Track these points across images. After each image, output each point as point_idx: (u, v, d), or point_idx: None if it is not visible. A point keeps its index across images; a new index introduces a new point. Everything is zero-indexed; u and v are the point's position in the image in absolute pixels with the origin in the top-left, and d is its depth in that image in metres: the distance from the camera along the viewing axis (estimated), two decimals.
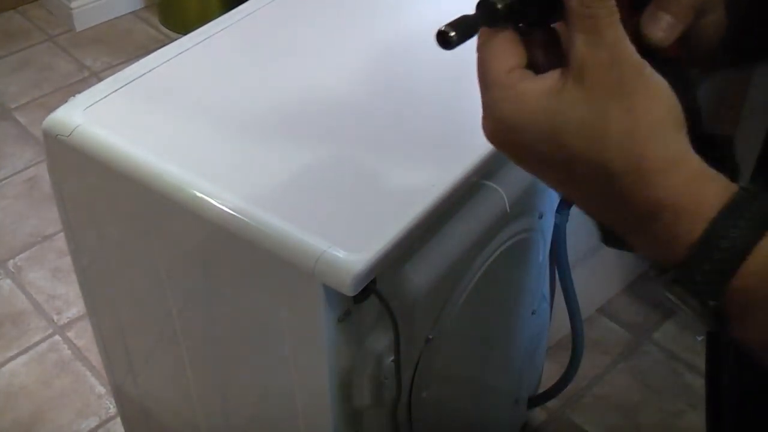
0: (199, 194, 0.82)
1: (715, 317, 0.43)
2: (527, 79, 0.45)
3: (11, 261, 1.93)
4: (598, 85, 0.43)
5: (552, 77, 0.44)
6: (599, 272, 1.68)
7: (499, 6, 0.46)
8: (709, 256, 0.42)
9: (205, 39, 1.03)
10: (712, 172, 0.44)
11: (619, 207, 0.44)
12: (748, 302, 0.42)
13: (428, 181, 0.83)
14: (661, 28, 0.51)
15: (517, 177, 0.94)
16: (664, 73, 0.52)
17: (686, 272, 0.43)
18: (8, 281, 1.88)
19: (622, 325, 1.74)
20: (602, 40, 0.43)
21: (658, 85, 0.44)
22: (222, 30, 1.05)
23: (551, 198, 1.08)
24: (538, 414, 1.57)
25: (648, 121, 0.43)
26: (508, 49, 0.46)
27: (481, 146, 0.86)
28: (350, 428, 0.89)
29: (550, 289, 1.28)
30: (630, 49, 0.43)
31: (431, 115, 0.93)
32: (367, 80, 0.98)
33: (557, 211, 1.12)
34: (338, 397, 0.84)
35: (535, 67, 0.47)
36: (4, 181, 2.14)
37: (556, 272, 1.26)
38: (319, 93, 0.96)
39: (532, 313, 1.23)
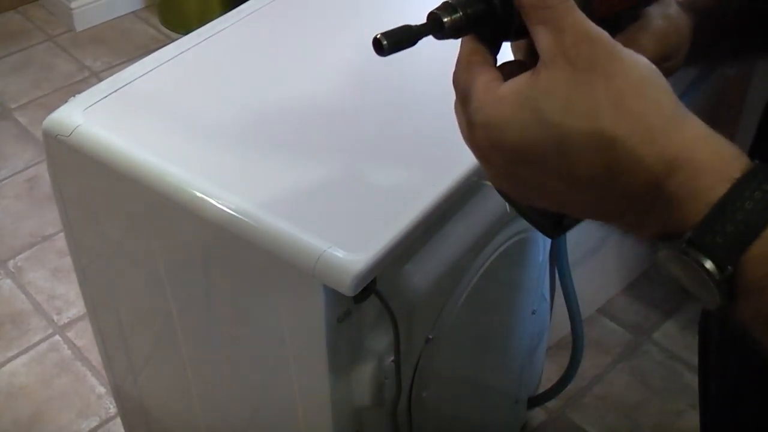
0: (199, 194, 0.82)
1: (727, 288, 0.40)
2: (504, 84, 0.44)
3: (11, 261, 1.93)
4: (572, 64, 0.42)
5: (526, 74, 0.44)
6: (599, 272, 1.68)
7: (446, 20, 0.46)
8: (733, 217, 0.39)
9: (205, 39, 1.03)
10: (721, 136, 0.42)
11: (626, 179, 0.41)
12: (766, 273, 0.39)
13: (428, 181, 0.83)
14: None
15: None
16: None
17: (706, 232, 0.40)
18: (8, 281, 1.88)
19: (622, 325, 1.74)
20: (563, 24, 0.42)
21: (631, 53, 0.43)
22: (222, 30, 1.05)
23: None
24: (538, 414, 1.57)
25: (634, 81, 0.42)
26: (483, 65, 0.46)
27: None
28: (350, 428, 0.89)
29: (550, 289, 1.28)
30: (593, 26, 0.43)
31: (431, 115, 0.93)
32: (368, 80, 0.98)
33: None
34: (338, 397, 0.84)
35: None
36: (4, 181, 2.14)
37: (556, 272, 1.26)
38: (319, 93, 0.96)
39: (532, 313, 1.23)
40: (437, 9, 0.47)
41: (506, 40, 0.49)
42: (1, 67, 2.53)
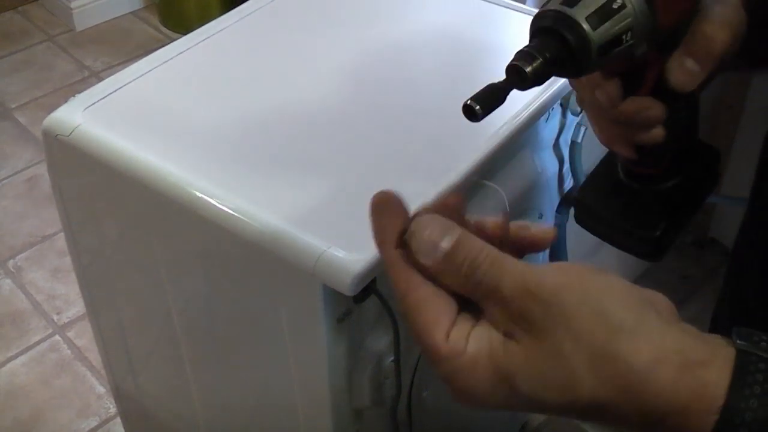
0: (199, 194, 0.82)
1: None
2: (470, 343, 0.41)
3: (11, 261, 1.93)
4: (532, 334, 0.39)
5: (490, 338, 0.41)
6: None
7: (528, 70, 0.46)
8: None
9: (205, 39, 1.03)
10: (699, 346, 0.39)
11: (619, 426, 0.40)
12: None
13: (428, 182, 0.83)
14: (686, 73, 0.52)
15: (517, 177, 0.94)
16: (679, 105, 0.56)
17: None
18: (8, 281, 1.88)
19: None
20: (502, 295, 0.40)
21: (579, 285, 0.40)
22: (222, 30, 1.05)
23: (551, 198, 1.08)
24: (538, 414, 1.57)
25: (602, 335, 0.38)
26: (436, 308, 0.42)
27: (481, 146, 0.86)
28: (350, 428, 0.89)
29: None
30: (533, 275, 0.40)
31: (431, 116, 0.93)
32: (368, 80, 0.98)
33: (557, 211, 1.12)
34: (338, 397, 0.84)
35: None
36: (4, 181, 2.14)
37: None
38: (319, 93, 0.96)
39: None
40: (515, 60, 0.47)
41: (587, 73, 0.50)
42: (1, 67, 2.53)
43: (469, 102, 0.46)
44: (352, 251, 0.75)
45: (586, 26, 0.46)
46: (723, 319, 0.74)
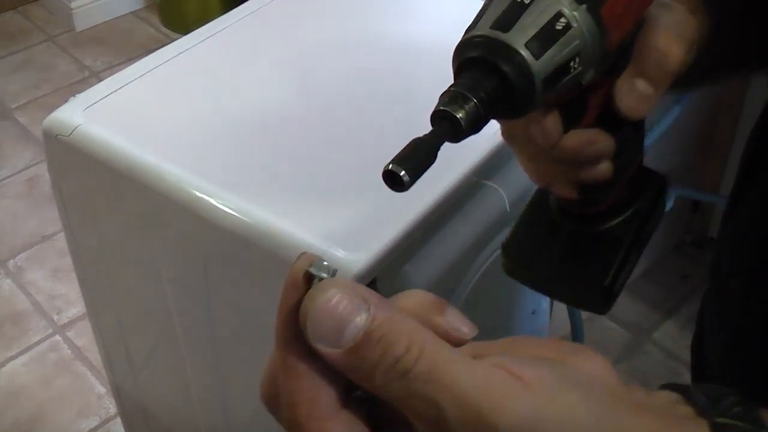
0: (199, 194, 0.82)
1: None
2: None
3: (11, 261, 1.93)
4: None
5: None
6: None
7: (459, 115, 0.37)
8: None
9: (205, 39, 1.03)
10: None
11: None
12: None
13: (428, 181, 0.83)
14: (638, 98, 0.44)
15: (517, 177, 0.94)
16: (626, 134, 0.47)
17: None
18: (8, 281, 1.88)
19: (622, 325, 1.74)
20: (441, 416, 0.27)
21: (531, 396, 0.28)
22: (222, 30, 1.05)
23: None
24: None
25: None
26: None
27: (481, 146, 0.86)
28: None
29: None
30: (495, 397, 0.27)
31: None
32: (368, 79, 0.98)
33: None
34: None
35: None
36: (4, 181, 2.14)
37: None
38: (319, 93, 0.96)
39: (532, 313, 1.22)
40: (443, 105, 0.37)
41: (527, 113, 0.41)
42: (1, 67, 2.53)
43: (391, 167, 0.36)
44: (352, 251, 0.75)
45: (526, 54, 0.37)
46: (710, 314, 0.73)
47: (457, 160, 0.85)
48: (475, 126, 0.38)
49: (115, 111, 0.93)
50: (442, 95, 0.38)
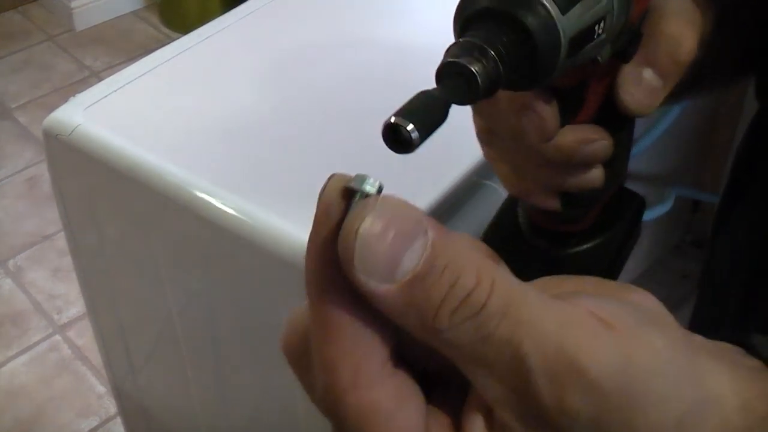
0: (199, 194, 0.82)
1: None
2: None
3: (11, 261, 1.93)
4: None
5: None
6: None
7: (478, 70, 0.29)
8: None
9: (205, 39, 1.03)
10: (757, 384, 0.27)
11: None
12: None
13: (428, 181, 0.83)
14: (645, 90, 0.39)
15: None
16: (622, 136, 0.43)
17: None
18: (8, 281, 1.88)
19: None
20: (521, 363, 0.22)
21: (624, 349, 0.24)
22: (222, 30, 1.05)
23: None
24: None
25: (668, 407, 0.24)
26: (406, 401, 0.24)
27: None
28: None
29: None
30: (590, 340, 0.23)
31: None
32: (369, 79, 0.98)
33: None
34: None
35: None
36: (4, 181, 2.14)
37: None
38: (320, 92, 0.96)
39: None
40: (455, 57, 0.29)
41: (544, 84, 0.33)
42: (1, 67, 2.53)
43: (394, 120, 0.28)
44: None
45: (551, 8, 0.30)
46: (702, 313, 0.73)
47: (457, 160, 0.85)
48: (492, 88, 0.29)
49: (115, 111, 0.93)
50: (448, 48, 0.29)
